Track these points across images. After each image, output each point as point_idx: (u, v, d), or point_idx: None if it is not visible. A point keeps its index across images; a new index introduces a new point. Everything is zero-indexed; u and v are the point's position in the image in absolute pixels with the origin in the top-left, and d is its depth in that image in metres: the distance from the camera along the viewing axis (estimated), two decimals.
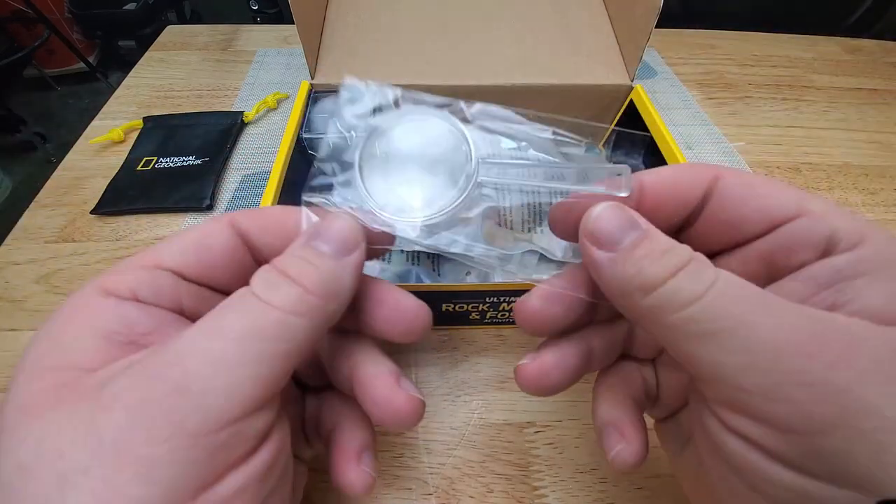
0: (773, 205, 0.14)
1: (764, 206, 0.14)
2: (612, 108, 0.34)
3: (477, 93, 0.32)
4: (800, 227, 0.13)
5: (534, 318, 0.16)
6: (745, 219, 0.14)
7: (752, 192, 0.14)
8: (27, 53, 1.19)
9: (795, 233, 0.13)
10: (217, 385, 0.11)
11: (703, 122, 0.43)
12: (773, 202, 0.14)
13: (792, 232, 0.14)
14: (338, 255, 0.14)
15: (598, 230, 0.14)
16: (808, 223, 0.13)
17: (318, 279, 0.13)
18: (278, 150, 0.26)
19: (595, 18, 0.36)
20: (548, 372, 0.16)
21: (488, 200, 0.17)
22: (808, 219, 0.13)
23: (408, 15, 0.35)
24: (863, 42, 0.55)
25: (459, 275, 0.27)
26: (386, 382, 0.16)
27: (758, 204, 0.14)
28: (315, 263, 0.14)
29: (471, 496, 0.22)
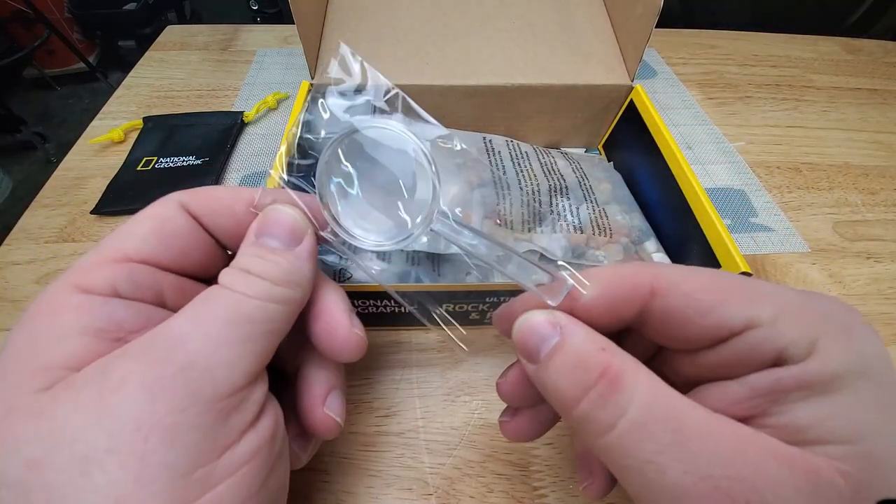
0: (717, 321, 0.13)
1: (708, 324, 0.13)
2: (612, 108, 0.34)
3: (477, 93, 0.32)
4: (748, 341, 0.13)
5: (509, 399, 0.17)
6: (688, 338, 0.14)
7: (694, 307, 0.13)
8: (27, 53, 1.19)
9: (741, 348, 0.13)
10: (220, 361, 0.12)
11: (703, 122, 0.43)
12: (717, 318, 0.13)
13: (737, 347, 0.13)
14: (288, 246, 0.15)
15: (521, 341, 0.14)
16: (757, 337, 0.12)
17: (279, 272, 0.14)
18: (278, 150, 0.26)
19: (595, 18, 0.36)
20: (524, 429, 0.17)
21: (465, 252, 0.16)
22: (758, 332, 0.12)
23: (408, 15, 0.35)
24: (863, 42, 0.55)
25: (459, 275, 0.27)
26: (340, 316, 0.16)
27: (703, 322, 0.13)
28: (270, 259, 0.14)
29: (471, 496, 0.22)
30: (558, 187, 0.29)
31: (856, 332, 0.12)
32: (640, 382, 0.12)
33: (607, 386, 0.12)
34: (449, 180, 0.26)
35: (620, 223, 0.28)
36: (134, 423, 0.11)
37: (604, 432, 0.12)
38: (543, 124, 0.35)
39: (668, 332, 0.14)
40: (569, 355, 0.13)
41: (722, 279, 0.14)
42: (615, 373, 0.12)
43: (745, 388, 0.13)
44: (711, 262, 0.24)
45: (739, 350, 0.13)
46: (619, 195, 0.31)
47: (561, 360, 0.13)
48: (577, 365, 0.12)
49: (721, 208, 0.36)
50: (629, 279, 0.14)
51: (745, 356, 0.13)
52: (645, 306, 0.14)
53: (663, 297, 0.13)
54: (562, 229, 0.27)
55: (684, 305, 0.13)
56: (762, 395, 0.12)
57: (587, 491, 0.16)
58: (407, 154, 0.17)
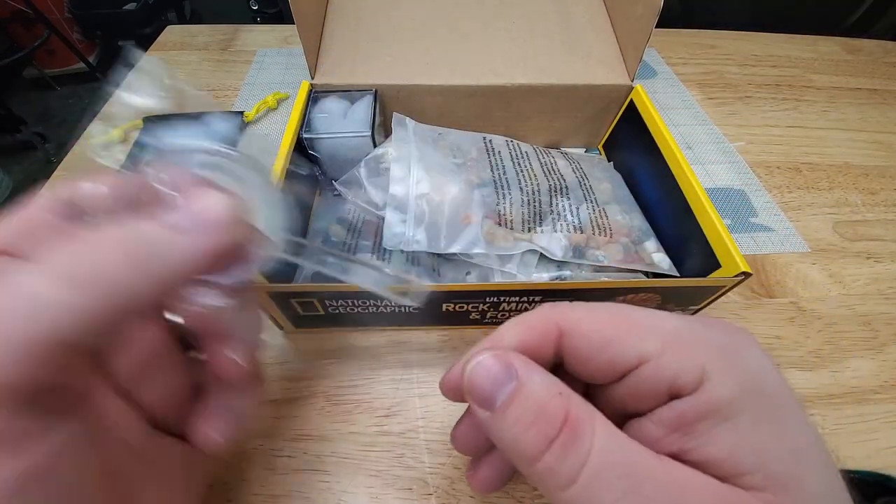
0: (612, 357, 0.13)
1: (607, 360, 0.13)
2: (612, 108, 0.34)
3: (477, 93, 0.32)
4: (642, 375, 0.13)
5: (463, 449, 0.17)
6: (594, 374, 0.14)
7: (592, 345, 0.14)
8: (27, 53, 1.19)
9: (639, 382, 0.13)
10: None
11: (703, 122, 0.43)
12: (611, 354, 0.13)
13: (636, 381, 0.13)
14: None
15: (472, 386, 0.13)
16: (648, 371, 0.13)
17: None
18: (278, 150, 0.26)
19: (595, 18, 0.36)
20: (488, 480, 0.16)
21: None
22: (649, 366, 0.13)
23: (408, 15, 0.35)
24: (863, 42, 0.55)
25: (459, 275, 0.27)
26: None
27: (600, 358, 0.14)
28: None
29: (471, 496, 0.22)
30: (558, 187, 0.29)
31: (741, 352, 0.13)
32: (596, 428, 0.12)
33: (569, 435, 0.11)
34: (449, 180, 0.26)
35: (620, 223, 0.28)
36: None
37: (566, 485, 0.11)
38: (543, 124, 0.35)
39: (579, 368, 0.14)
40: (529, 403, 0.12)
41: (618, 315, 0.14)
42: (574, 420, 0.12)
43: (658, 425, 0.13)
44: (711, 262, 0.24)
45: (638, 384, 0.13)
46: (619, 195, 0.31)
47: (520, 408, 0.12)
48: (538, 414, 0.12)
49: (721, 208, 0.36)
50: (539, 325, 0.14)
51: (643, 389, 0.13)
52: (558, 346, 0.14)
53: (568, 337, 0.14)
54: (562, 229, 0.27)
55: (584, 344, 0.14)
56: (673, 430, 0.13)
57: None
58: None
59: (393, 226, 0.24)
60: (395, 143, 0.27)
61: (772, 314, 0.29)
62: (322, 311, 0.24)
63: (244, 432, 0.17)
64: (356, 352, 0.27)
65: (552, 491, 0.12)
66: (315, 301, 0.23)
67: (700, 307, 0.26)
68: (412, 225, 0.24)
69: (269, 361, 0.26)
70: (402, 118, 0.30)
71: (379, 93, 0.30)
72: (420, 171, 0.26)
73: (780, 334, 0.28)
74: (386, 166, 0.26)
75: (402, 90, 0.31)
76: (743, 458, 0.12)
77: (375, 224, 0.28)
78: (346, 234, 0.28)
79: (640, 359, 0.13)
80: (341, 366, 0.26)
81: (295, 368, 0.26)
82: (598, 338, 0.14)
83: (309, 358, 0.26)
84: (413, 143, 0.27)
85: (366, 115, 0.29)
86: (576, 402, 0.12)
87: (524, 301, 0.24)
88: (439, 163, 0.27)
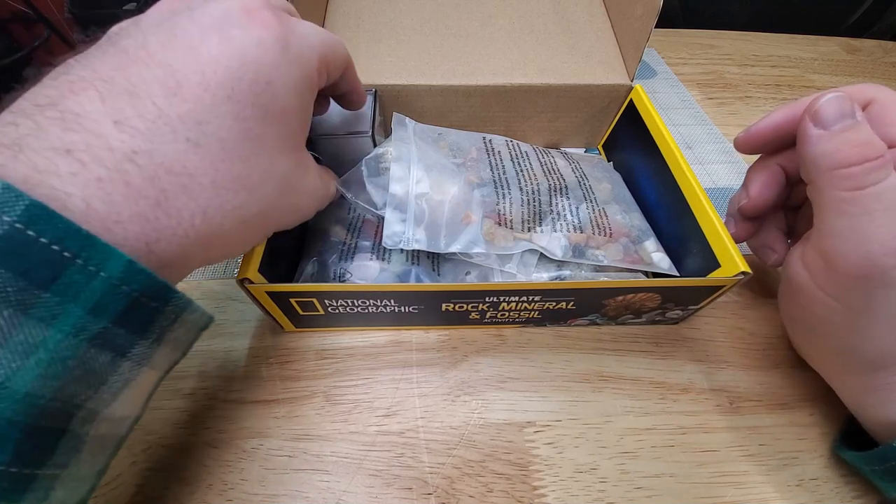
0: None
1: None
2: (612, 108, 0.34)
3: (477, 93, 0.32)
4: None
5: (749, 141, 0.24)
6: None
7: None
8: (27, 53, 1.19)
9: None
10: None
11: (703, 122, 0.43)
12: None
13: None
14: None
15: (819, 111, 0.18)
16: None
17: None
18: None
19: (595, 18, 0.36)
20: (742, 234, 0.27)
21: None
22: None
23: (408, 15, 0.35)
24: (863, 42, 0.55)
25: (459, 275, 0.27)
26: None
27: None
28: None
29: (470, 496, 0.22)
30: (558, 187, 0.29)
31: None
32: (893, 171, 0.17)
33: (881, 162, 0.17)
34: (449, 179, 0.26)
35: (620, 223, 0.28)
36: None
37: (854, 188, 0.18)
38: (543, 124, 0.35)
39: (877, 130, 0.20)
40: (861, 135, 0.18)
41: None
42: (886, 158, 0.17)
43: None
44: (711, 261, 0.24)
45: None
46: (618, 195, 0.31)
47: (854, 135, 0.18)
48: (865, 143, 0.18)
49: (721, 208, 0.36)
50: (856, 93, 0.21)
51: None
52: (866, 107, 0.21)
53: (878, 104, 0.20)
54: (562, 229, 0.27)
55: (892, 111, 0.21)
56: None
57: (776, 261, 0.26)
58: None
59: (392, 225, 0.24)
60: (395, 142, 0.27)
61: (772, 314, 0.29)
62: (322, 311, 0.24)
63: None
64: (356, 352, 0.27)
65: (836, 187, 0.18)
66: (315, 301, 0.23)
67: (700, 307, 0.26)
68: (412, 224, 0.24)
69: (269, 361, 0.26)
70: (402, 118, 0.30)
71: (379, 93, 0.30)
72: (420, 171, 0.26)
73: (780, 334, 0.28)
74: (386, 166, 0.26)
75: (402, 90, 0.31)
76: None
77: (375, 224, 0.28)
78: (346, 233, 0.28)
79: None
80: (341, 365, 0.26)
81: (295, 368, 0.26)
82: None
83: (309, 358, 0.26)
84: (413, 143, 0.27)
85: (366, 114, 0.29)
86: (888, 153, 0.18)
87: (524, 301, 0.24)
88: (439, 162, 0.27)
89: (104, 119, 0.13)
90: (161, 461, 0.22)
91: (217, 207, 0.15)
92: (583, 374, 0.26)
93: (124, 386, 0.14)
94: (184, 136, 0.14)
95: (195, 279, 0.29)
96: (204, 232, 0.15)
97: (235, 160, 0.15)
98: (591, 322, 0.28)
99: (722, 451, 0.24)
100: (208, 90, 0.14)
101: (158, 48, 0.14)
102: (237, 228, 0.16)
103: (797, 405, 0.26)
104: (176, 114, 0.14)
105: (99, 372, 0.13)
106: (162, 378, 0.17)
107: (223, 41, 0.15)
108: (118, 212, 0.13)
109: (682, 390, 0.26)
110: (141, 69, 0.14)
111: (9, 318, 0.11)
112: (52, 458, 0.13)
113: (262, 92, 0.16)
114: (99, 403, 0.13)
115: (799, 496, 0.23)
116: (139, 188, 0.13)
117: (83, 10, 1.38)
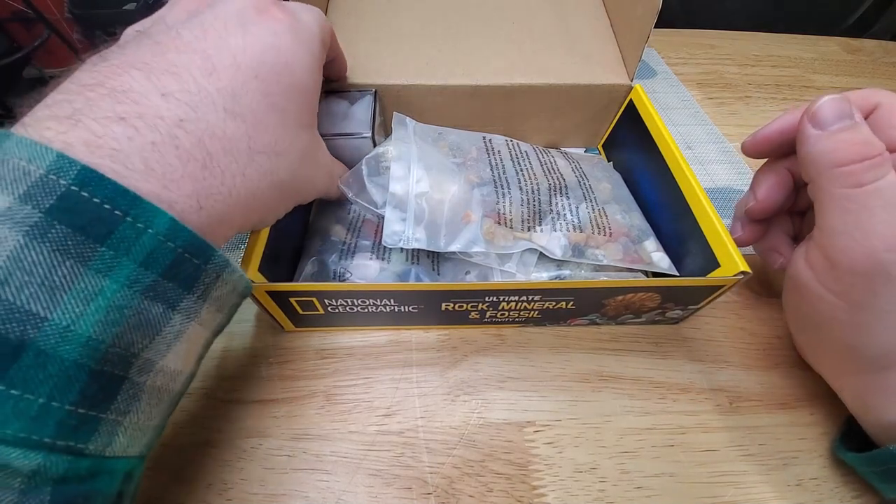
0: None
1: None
2: (612, 108, 0.34)
3: (477, 93, 0.32)
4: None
5: (756, 145, 0.25)
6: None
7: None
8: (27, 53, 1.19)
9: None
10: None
11: (702, 122, 0.43)
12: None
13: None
14: None
15: (817, 112, 0.19)
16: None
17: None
18: None
19: (595, 18, 0.36)
20: (747, 239, 0.27)
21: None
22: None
23: (408, 15, 0.35)
24: (863, 42, 0.55)
25: (459, 274, 0.27)
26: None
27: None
28: None
29: (470, 495, 0.22)
30: (558, 186, 0.29)
31: None
32: (891, 168, 0.18)
33: (879, 161, 0.18)
34: (449, 179, 0.26)
35: (620, 222, 0.28)
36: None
37: (854, 185, 0.18)
38: (543, 124, 0.35)
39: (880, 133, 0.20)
40: (860, 135, 0.18)
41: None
42: (884, 156, 0.18)
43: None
44: (711, 261, 0.24)
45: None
46: (618, 195, 0.31)
47: (851, 135, 0.18)
48: (865, 143, 0.18)
49: (721, 208, 0.36)
50: (859, 100, 0.21)
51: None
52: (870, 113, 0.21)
53: (884, 108, 0.21)
54: (561, 228, 0.27)
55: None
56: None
57: (780, 265, 0.26)
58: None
59: (392, 224, 0.24)
60: (396, 142, 0.27)
61: (772, 314, 0.29)
62: (322, 311, 0.24)
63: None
64: (356, 351, 0.27)
65: (835, 185, 0.18)
66: (315, 300, 0.23)
67: (700, 306, 0.26)
68: (412, 223, 0.24)
69: (269, 361, 0.26)
70: (403, 118, 0.30)
71: (379, 93, 0.30)
72: (420, 170, 0.26)
73: (780, 334, 0.28)
74: (386, 165, 0.26)
75: (402, 90, 0.31)
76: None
77: (375, 223, 0.28)
78: (346, 233, 0.28)
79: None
80: (341, 365, 0.26)
81: (294, 368, 0.26)
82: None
83: (308, 357, 0.26)
84: (413, 143, 0.27)
85: (366, 115, 0.29)
86: (887, 153, 0.18)
87: (523, 300, 0.24)
88: (439, 162, 0.27)
89: (152, 93, 0.15)
90: (161, 461, 0.22)
91: (254, 170, 0.17)
92: (583, 374, 0.26)
93: (176, 338, 0.15)
94: (222, 107, 0.16)
95: None
96: (245, 192, 0.17)
97: (265, 129, 0.18)
98: (591, 322, 0.28)
99: (721, 450, 0.24)
100: (239, 70, 0.17)
101: (192, 39, 0.16)
102: (270, 193, 0.19)
103: (797, 405, 0.26)
104: (214, 88, 0.16)
105: (153, 322, 0.14)
106: (210, 340, 0.18)
107: (246, 33, 0.17)
108: (173, 172, 0.15)
109: (682, 390, 0.26)
110: (179, 55, 0.16)
111: (70, 269, 0.12)
112: (114, 404, 0.14)
113: (282, 72, 0.18)
114: (155, 353, 0.15)
115: (798, 496, 0.23)
116: (189, 151, 0.15)
117: (83, 10, 1.38)
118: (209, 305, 0.16)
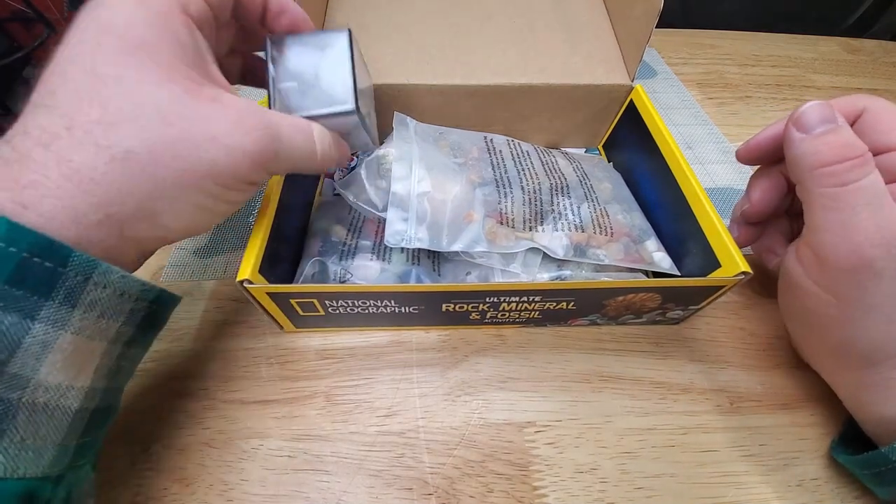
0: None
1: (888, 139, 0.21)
2: (612, 108, 0.34)
3: (477, 93, 0.32)
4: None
5: (749, 153, 0.25)
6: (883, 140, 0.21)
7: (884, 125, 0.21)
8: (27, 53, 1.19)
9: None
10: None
11: (703, 122, 0.43)
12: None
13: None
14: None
15: (801, 117, 0.20)
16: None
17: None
18: None
19: (595, 18, 0.36)
20: (744, 239, 0.27)
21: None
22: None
23: (408, 15, 0.35)
24: (863, 42, 0.55)
25: (459, 275, 0.27)
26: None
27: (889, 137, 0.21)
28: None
29: (471, 496, 0.22)
30: (560, 186, 0.29)
31: None
32: (874, 170, 0.19)
33: (861, 161, 0.18)
34: (450, 179, 0.26)
35: (621, 222, 0.28)
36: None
37: (836, 185, 0.19)
38: (543, 124, 0.35)
39: (867, 138, 0.21)
40: (841, 137, 0.19)
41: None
42: (867, 157, 0.19)
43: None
44: (711, 261, 0.24)
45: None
46: (619, 195, 0.31)
47: (833, 137, 0.19)
48: (846, 145, 0.19)
49: (721, 208, 0.36)
50: (845, 106, 0.22)
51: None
52: (857, 118, 0.22)
53: (870, 112, 0.22)
54: (563, 228, 0.27)
55: (885, 118, 0.22)
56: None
57: (777, 264, 0.25)
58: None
59: (394, 223, 0.24)
60: (397, 141, 0.27)
61: (773, 314, 0.29)
62: (322, 311, 0.24)
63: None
64: (356, 352, 0.27)
65: (820, 185, 0.19)
66: (315, 301, 0.23)
67: (700, 306, 0.26)
68: (414, 223, 0.24)
69: (270, 362, 0.26)
70: (404, 118, 0.30)
71: (353, 33, 0.23)
72: (421, 170, 0.26)
73: (781, 334, 0.28)
74: (387, 167, 0.26)
75: (403, 90, 0.31)
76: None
77: (376, 224, 0.28)
78: (346, 233, 0.28)
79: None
80: (341, 366, 0.26)
81: (295, 368, 0.26)
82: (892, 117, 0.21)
83: (309, 358, 0.26)
84: (414, 143, 0.27)
85: (343, 73, 0.21)
86: (869, 153, 0.19)
87: (524, 301, 0.24)
88: (441, 162, 0.27)
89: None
90: (161, 461, 0.22)
91: (82, 152, 0.15)
92: (583, 375, 0.26)
93: (44, 350, 0.14)
94: (32, 101, 0.15)
95: (195, 279, 0.29)
96: (78, 179, 0.15)
97: (89, 104, 0.15)
98: (592, 322, 0.28)
99: (722, 451, 0.24)
100: (59, 48, 0.16)
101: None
102: (118, 168, 0.15)
103: (798, 405, 0.26)
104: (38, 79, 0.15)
105: (6, 333, 0.13)
106: (124, 351, 0.17)
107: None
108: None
109: (683, 390, 0.26)
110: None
111: None
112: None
113: (107, 32, 0.16)
114: (23, 368, 0.13)
115: (799, 496, 0.23)
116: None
117: None
118: (84, 313, 0.15)
